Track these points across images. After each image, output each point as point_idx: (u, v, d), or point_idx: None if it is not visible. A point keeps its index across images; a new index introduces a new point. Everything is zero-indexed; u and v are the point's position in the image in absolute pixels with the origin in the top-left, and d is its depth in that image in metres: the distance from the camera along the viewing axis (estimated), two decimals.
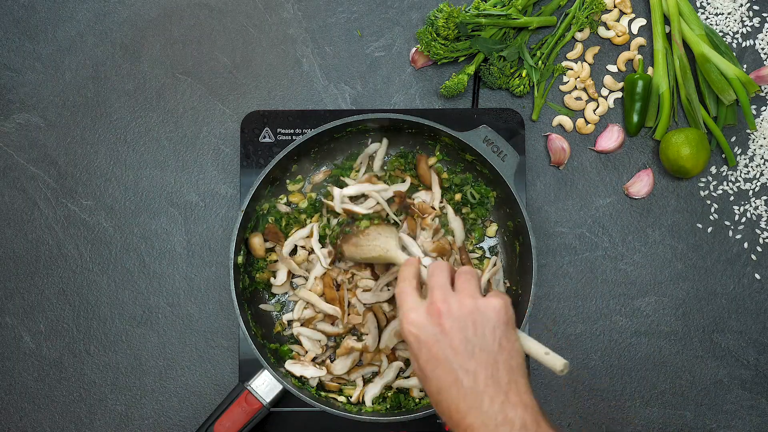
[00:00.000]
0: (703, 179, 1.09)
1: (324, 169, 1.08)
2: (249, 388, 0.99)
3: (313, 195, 1.07)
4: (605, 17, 1.11)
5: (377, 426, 1.03)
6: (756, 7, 1.11)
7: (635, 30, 1.11)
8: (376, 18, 1.12)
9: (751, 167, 1.09)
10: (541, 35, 1.11)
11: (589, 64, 1.11)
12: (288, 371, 1.01)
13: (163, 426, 1.07)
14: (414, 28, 1.12)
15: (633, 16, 1.11)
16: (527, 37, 1.10)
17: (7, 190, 1.10)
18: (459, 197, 1.06)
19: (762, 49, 1.11)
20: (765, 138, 1.09)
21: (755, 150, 1.09)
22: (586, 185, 1.09)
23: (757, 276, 1.08)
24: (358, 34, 1.12)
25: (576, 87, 1.11)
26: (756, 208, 1.09)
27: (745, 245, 1.08)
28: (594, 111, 1.10)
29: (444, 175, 1.07)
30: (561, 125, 1.10)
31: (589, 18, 1.09)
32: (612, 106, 1.11)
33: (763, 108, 1.10)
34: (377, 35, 1.12)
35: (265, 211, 1.05)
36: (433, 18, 1.05)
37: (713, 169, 1.09)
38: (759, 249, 1.08)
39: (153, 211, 1.10)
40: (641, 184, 1.08)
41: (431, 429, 1.04)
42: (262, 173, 1.00)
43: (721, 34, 1.11)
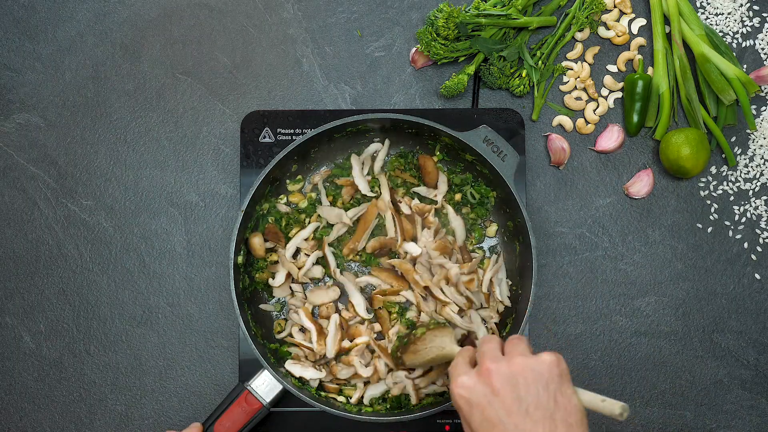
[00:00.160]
0: (703, 179, 1.09)
1: (324, 169, 1.08)
2: (249, 388, 0.99)
3: (313, 195, 1.07)
4: (605, 17, 1.11)
5: (377, 426, 1.03)
6: (756, 7, 1.11)
7: (635, 30, 1.11)
8: (376, 18, 1.12)
9: (751, 167, 1.09)
10: (541, 35, 1.11)
11: (589, 64, 1.11)
12: (288, 371, 1.01)
13: (163, 426, 1.07)
14: (414, 28, 1.12)
15: (633, 16, 1.11)
16: (527, 37, 1.10)
17: (7, 190, 1.10)
18: (459, 197, 1.06)
19: (762, 49, 1.11)
20: (765, 138, 1.09)
21: (755, 150, 1.09)
22: (586, 185, 1.09)
23: (757, 276, 1.08)
24: (358, 34, 1.12)
25: (576, 87, 1.11)
26: (756, 208, 1.09)
27: (745, 245, 1.08)
28: (594, 111, 1.10)
29: (444, 175, 1.07)
30: (561, 125, 1.10)
31: (589, 18, 1.09)
32: (612, 106, 1.11)
33: (763, 108, 1.10)
34: (377, 35, 1.12)
35: (265, 211, 1.05)
36: (433, 18, 1.05)
37: (713, 169, 1.09)
38: (759, 249, 1.08)
39: (153, 211, 1.10)
40: (641, 184, 1.08)
41: (431, 429, 1.04)
42: (262, 173, 1.00)
43: (721, 34, 1.11)
